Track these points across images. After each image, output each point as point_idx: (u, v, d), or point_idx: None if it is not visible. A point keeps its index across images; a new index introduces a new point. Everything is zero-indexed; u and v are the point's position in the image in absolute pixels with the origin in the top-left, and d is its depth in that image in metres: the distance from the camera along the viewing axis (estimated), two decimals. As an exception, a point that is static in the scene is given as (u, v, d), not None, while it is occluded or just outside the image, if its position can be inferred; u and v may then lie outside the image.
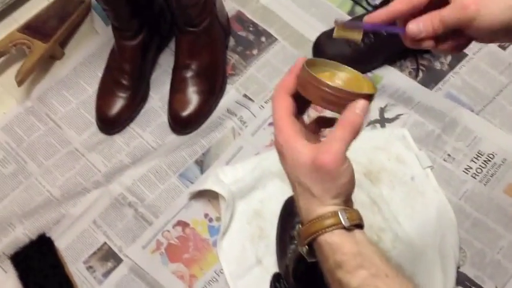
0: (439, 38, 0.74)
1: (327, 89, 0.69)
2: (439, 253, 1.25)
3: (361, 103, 0.68)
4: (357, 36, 0.77)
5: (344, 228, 0.68)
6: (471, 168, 1.36)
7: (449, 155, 1.37)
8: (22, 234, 1.36)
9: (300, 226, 0.72)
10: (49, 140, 1.49)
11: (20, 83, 1.48)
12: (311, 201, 0.70)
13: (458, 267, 1.25)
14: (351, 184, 0.70)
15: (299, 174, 0.69)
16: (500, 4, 0.67)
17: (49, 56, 1.57)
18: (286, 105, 0.72)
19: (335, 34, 0.76)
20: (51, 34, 1.56)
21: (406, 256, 1.24)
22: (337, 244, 0.68)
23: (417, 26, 0.73)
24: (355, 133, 0.68)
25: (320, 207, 0.69)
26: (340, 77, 0.75)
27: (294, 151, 0.69)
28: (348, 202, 0.71)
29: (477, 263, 1.26)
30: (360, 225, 0.71)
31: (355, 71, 0.75)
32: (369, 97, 0.69)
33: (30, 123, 1.51)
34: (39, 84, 1.56)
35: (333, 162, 0.66)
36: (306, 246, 0.71)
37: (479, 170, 1.36)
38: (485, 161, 1.37)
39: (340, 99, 0.69)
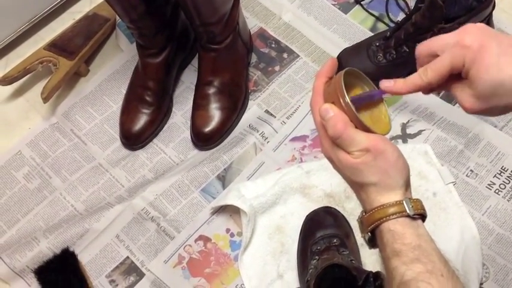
0: None
1: (346, 108, 0.72)
2: (461, 269, 1.23)
3: None
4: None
5: (408, 216, 0.70)
6: (494, 184, 1.35)
7: (472, 170, 1.37)
8: (46, 248, 1.38)
9: (364, 214, 0.74)
10: (73, 156, 1.51)
11: (45, 99, 1.50)
12: (371, 190, 0.72)
13: (481, 284, 1.24)
14: (401, 164, 0.72)
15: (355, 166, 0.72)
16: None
17: (74, 73, 1.60)
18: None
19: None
20: (76, 52, 1.59)
21: (428, 272, 1.23)
22: (399, 233, 0.70)
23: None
24: None
25: (383, 195, 0.72)
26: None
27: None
28: (409, 192, 0.74)
29: (500, 280, 1.25)
30: (423, 216, 0.73)
31: (383, 102, 0.77)
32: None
33: (55, 138, 1.54)
34: (65, 100, 1.59)
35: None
36: (369, 234, 0.73)
37: (502, 186, 1.35)
38: (508, 176, 1.35)
39: (352, 119, 0.72)
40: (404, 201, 0.71)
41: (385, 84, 0.73)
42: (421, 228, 0.71)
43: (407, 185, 0.73)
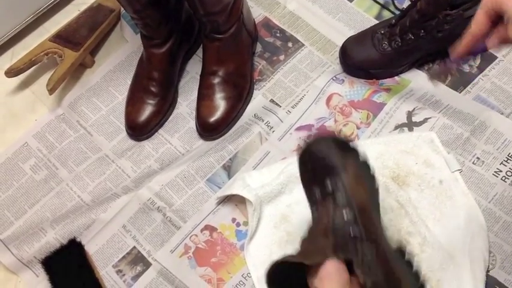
0: None
1: None
2: (468, 257, 1.23)
3: None
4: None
5: None
6: (501, 171, 1.34)
7: (478, 158, 1.36)
8: (53, 238, 1.38)
9: None
10: (80, 147, 1.52)
11: (51, 91, 1.51)
12: None
13: (487, 271, 1.24)
14: None
15: None
16: None
17: (80, 64, 1.60)
18: None
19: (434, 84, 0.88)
20: (81, 43, 1.59)
21: (434, 260, 1.23)
22: None
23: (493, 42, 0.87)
24: None
25: None
26: None
27: None
28: None
29: (507, 267, 1.24)
30: None
31: None
32: None
33: (61, 130, 1.54)
34: (70, 92, 1.59)
35: None
36: None
37: (509, 173, 1.34)
38: (515, 163, 1.35)
39: None
40: None
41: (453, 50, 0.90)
42: None
43: None
